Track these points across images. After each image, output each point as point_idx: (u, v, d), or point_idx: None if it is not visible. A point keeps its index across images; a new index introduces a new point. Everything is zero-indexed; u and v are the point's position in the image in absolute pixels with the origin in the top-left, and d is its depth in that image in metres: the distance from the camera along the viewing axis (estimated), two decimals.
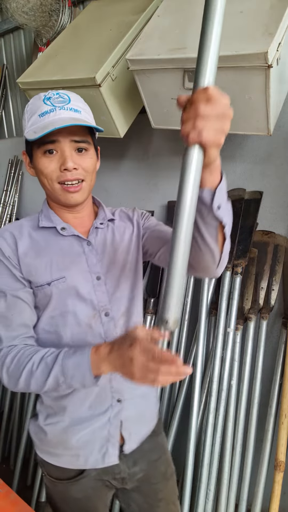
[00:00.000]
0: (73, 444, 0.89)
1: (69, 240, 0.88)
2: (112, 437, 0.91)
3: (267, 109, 1.10)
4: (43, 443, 0.93)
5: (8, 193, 2.27)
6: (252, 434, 1.41)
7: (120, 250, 0.93)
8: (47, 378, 0.74)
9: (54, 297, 0.85)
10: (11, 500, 0.96)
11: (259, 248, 1.47)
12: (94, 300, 0.87)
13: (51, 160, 0.81)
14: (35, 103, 0.84)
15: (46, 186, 0.85)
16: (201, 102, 0.56)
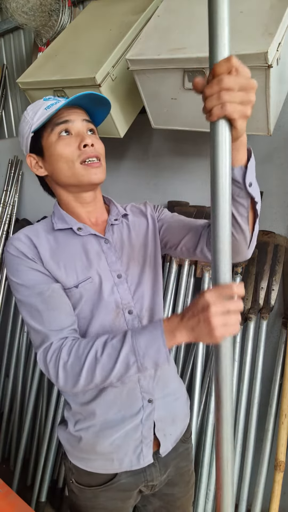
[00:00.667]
0: (106, 447, 0.87)
1: (87, 239, 0.87)
2: (145, 438, 0.88)
3: (267, 109, 1.10)
4: (75, 449, 0.90)
5: (8, 193, 2.27)
6: (252, 434, 1.41)
7: (138, 246, 0.92)
8: (115, 362, 0.70)
9: (82, 299, 0.83)
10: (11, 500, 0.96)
11: (259, 248, 1.47)
12: (118, 298, 0.86)
13: (68, 142, 0.82)
14: (35, 104, 0.87)
15: (64, 173, 0.83)
16: (224, 74, 0.54)
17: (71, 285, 0.82)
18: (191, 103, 1.20)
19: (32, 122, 0.85)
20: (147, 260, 0.92)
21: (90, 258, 0.85)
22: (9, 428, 2.08)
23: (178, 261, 1.61)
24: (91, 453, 0.88)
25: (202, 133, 1.30)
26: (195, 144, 1.60)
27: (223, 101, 0.54)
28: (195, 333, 0.65)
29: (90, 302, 0.84)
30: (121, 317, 0.86)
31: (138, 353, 0.69)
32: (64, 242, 0.86)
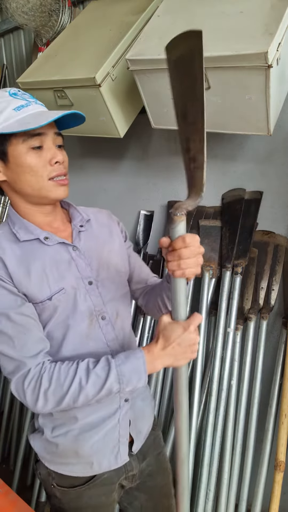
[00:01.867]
0: (86, 451, 0.87)
1: (55, 248, 0.85)
2: (122, 437, 0.91)
3: (267, 109, 1.10)
4: (54, 455, 0.90)
5: None
6: (252, 434, 1.41)
7: (106, 252, 0.92)
8: (100, 389, 0.74)
9: (57, 310, 0.82)
10: (11, 500, 0.96)
11: (259, 248, 1.47)
12: (91, 305, 0.86)
13: (40, 155, 0.79)
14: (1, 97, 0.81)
15: (30, 185, 0.81)
16: (181, 249, 0.68)
17: (44, 298, 0.80)
18: None
19: None
20: (116, 266, 0.93)
21: (61, 268, 0.84)
22: (9, 428, 2.08)
23: None
24: (70, 457, 0.89)
25: None
26: None
27: (182, 268, 0.68)
28: (174, 360, 0.75)
29: (64, 312, 0.83)
30: (95, 323, 0.87)
31: (122, 381, 0.75)
32: (31, 254, 0.82)
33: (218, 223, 1.55)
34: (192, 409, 1.47)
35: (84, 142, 1.96)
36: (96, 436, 0.88)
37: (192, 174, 0.69)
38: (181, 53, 0.61)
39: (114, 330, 0.89)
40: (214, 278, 1.52)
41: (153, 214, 1.78)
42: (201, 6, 1.23)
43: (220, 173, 1.58)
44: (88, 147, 1.95)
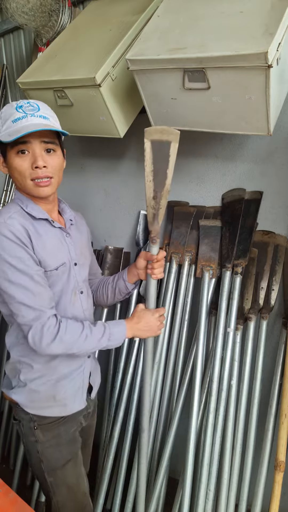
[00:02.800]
0: (62, 395, 1.11)
1: (57, 231, 1.07)
2: (85, 385, 1.18)
3: (267, 109, 1.10)
4: (35, 402, 1.10)
5: (8, 193, 2.27)
6: (252, 434, 1.41)
7: (84, 243, 1.20)
8: (98, 342, 1.02)
9: (58, 279, 1.05)
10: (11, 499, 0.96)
11: (259, 248, 1.47)
12: (75, 281, 1.11)
13: (24, 159, 0.97)
14: (7, 111, 0.99)
15: (19, 182, 1.01)
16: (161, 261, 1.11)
17: (53, 267, 1.03)
18: (191, 103, 1.20)
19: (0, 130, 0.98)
20: (87, 254, 1.21)
21: (61, 246, 1.07)
22: (9, 428, 2.08)
23: (178, 261, 1.61)
24: (50, 401, 1.11)
25: (202, 133, 1.30)
26: (195, 144, 1.60)
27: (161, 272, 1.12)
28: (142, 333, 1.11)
29: (61, 283, 1.07)
30: (77, 295, 1.13)
31: (110, 339, 1.05)
32: (44, 231, 1.03)
33: (218, 223, 1.55)
34: (192, 409, 1.47)
35: (84, 142, 1.96)
36: (69, 384, 1.13)
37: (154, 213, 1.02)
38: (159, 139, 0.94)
39: (87, 302, 1.18)
40: (214, 278, 1.52)
41: None
42: (201, 6, 1.23)
43: (220, 173, 1.58)
44: (88, 147, 1.95)
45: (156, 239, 1.06)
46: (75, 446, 1.18)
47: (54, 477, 1.13)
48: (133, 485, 1.60)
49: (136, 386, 1.66)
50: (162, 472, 1.52)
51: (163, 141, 0.95)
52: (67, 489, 1.14)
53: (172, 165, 0.96)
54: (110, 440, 1.66)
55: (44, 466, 1.12)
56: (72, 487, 1.15)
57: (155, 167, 0.96)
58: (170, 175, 0.97)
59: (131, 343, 1.72)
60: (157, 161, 0.96)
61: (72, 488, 1.15)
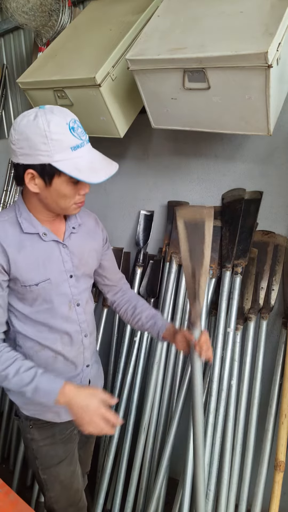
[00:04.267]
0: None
1: (49, 244, 1.02)
2: None
3: (267, 109, 1.10)
4: (29, 405, 1.09)
5: (8, 193, 2.27)
6: (252, 434, 1.41)
7: (88, 251, 1.11)
8: (19, 388, 0.94)
9: (41, 295, 1.01)
10: (11, 500, 0.96)
11: (259, 248, 1.47)
12: (69, 294, 1.06)
13: (74, 187, 0.95)
14: (58, 129, 0.89)
15: (59, 205, 0.97)
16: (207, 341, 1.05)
17: (32, 282, 0.99)
18: (191, 103, 1.20)
19: (52, 155, 0.89)
20: (90, 265, 1.13)
21: (51, 261, 1.02)
22: (9, 428, 2.08)
23: (178, 261, 1.61)
24: (43, 407, 1.08)
25: (202, 133, 1.30)
26: (195, 144, 1.60)
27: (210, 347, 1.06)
28: (76, 416, 0.93)
29: (48, 297, 1.02)
30: (73, 309, 1.07)
31: (35, 394, 0.93)
32: (30, 245, 0.99)
33: (218, 223, 1.55)
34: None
35: None
36: None
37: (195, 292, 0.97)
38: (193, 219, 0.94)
39: (85, 315, 1.11)
40: (214, 278, 1.52)
41: (153, 214, 1.78)
42: (201, 6, 1.23)
43: (220, 173, 1.58)
44: None
45: (197, 321, 0.99)
46: (71, 445, 1.17)
47: (48, 475, 1.14)
48: (133, 485, 1.60)
49: (136, 386, 1.66)
50: (162, 472, 1.52)
51: (197, 220, 0.94)
52: (60, 486, 1.16)
53: (209, 243, 0.92)
54: (110, 440, 1.66)
55: (39, 463, 1.13)
56: (66, 485, 1.16)
57: (190, 246, 0.94)
58: (208, 253, 0.94)
59: (131, 343, 1.72)
60: (192, 240, 0.94)
61: (65, 486, 1.16)
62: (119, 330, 1.85)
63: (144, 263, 1.76)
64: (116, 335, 1.85)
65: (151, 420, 1.61)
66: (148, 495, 1.60)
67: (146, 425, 1.61)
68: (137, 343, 1.69)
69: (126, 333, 1.75)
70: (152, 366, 1.62)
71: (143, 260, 1.76)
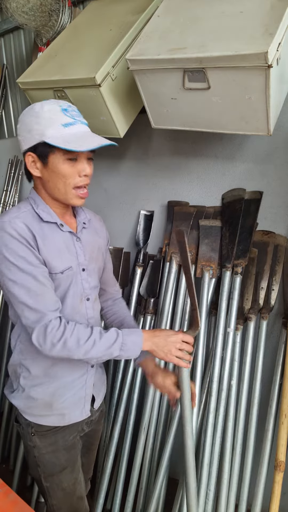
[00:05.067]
0: (60, 404, 1.07)
1: (66, 235, 1.03)
2: (87, 395, 1.13)
3: (267, 109, 1.10)
4: (32, 409, 1.07)
5: (8, 193, 2.27)
6: (252, 434, 1.41)
7: (97, 248, 1.13)
8: (106, 350, 0.95)
9: (62, 284, 1.01)
10: (11, 500, 0.96)
11: (259, 248, 1.47)
12: (81, 287, 1.06)
13: (72, 166, 0.95)
14: (52, 111, 0.94)
15: (58, 188, 0.97)
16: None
17: (58, 270, 0.99)
18: (191, 103, 1.20)
19: (44, 131, 0.92)
20: (100, 261, 1.14)
21: (69, 251, 1.03)
22: (9, 428, 2.08)
23: (178, 261, 1.61)
24: (47, 409, 1.07)
25: (202, 133, 1.30)
26: (195, 144, 1.60)
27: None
28: (157, 348, 0.98)
29: (66, 287, 1.02)
30: (83, 302, 1.08)
31: (123, 349, 0.96)
32: (50, 234, 0.99)
33: (218, 223, 1.55)
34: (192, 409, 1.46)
35: None
36: (68, 393, 1.08)
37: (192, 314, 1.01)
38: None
39: (93, 311, 1.11)
40: (214, 278, 1.52)
41: (153, 214, 1.78)
42: (201, 6, 1.23)
43: (220, 173, 1.58)
44: None
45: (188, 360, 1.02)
46: (74, 452, 1.15)
47: (50, 482, 1.12)
48: (133, 485, 1.60)
49: (136, 386, 1.66)
50: (162, 472, 1.52)
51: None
52: (63, 494, 1.13)
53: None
54: (110, 440, 1.66)
55: (41, 471, 1.11)
56: (68, 492, 1.14)
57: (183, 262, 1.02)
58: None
59: None
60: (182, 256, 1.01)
61: (68, 493, 1.14)
62: None
63: (144, 263, 1.76)
64: None
65: (151, 420, 1.61)
66: (148, 495, 1.60)
67: (146, 425, 1.61)
68: None
69: None
70: None
71: (143, 260, 1.76)
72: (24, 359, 1.06)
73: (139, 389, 1.66)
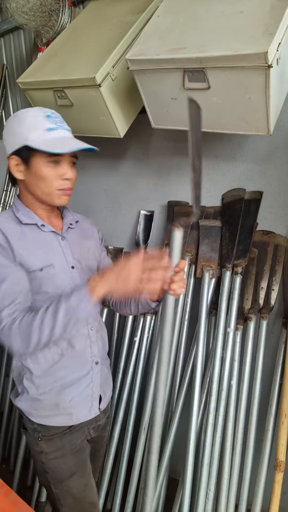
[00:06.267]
0: (67, 403, 1.06)
1: (48, 235, 1.05)
2: (95, 393, 1.12)
3: (267, 109, 1.10)
4: (39, 410, 1.06)
5: (8, 193, 2.27)
6: (252, 434, 1.41)
7: (87, 249, 1.14)
8: (56, 319, 0.88)
9: (45, 281, 1.00)
10: (11, 500, 0.96)
11: (259, 248, 1.47)
12: (72, 284, 1.04)
13: (54, 169, 0.98)
14: (35, 117, 0.98)
15: (41, 189, 1.00)
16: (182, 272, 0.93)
17: (36, 268, 0.99)
18: None
19: (27, 135, 0.96)
20: (90, 261, 1.14)
21: (52, 249, 1.04)
22: (9, 428, 2.08)
23: None
24: (54, 409, 1.06)
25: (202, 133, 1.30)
26: None
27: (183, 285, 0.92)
28: (114, 285, 0.87)
29: (52, 283, 1.01)
30: None
31: (73, 310, 0.88)
32: (30, 234, 1.01)
33: (218, 223, 1.55)
34: (192, 409, 1.47)
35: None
36: (75, 391, 1.07)
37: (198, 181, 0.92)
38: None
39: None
40: (214, 278, 1.52)
41: (153, 214, 1.78)
42: (201, 6, 1.23)
43: (220, 173, 1.58)
44: None
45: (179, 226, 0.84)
46: (83, 457, 1.13)
47: (60, 489, 1.10)
48: (133, 485, 1.60)
49: (136, 386, 1.66)
50: (162, 472, 1.52)
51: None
52: (73, 500, 1.12)
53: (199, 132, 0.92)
54: (110, 440, 1.66)
55: (50, 477, 1.09)
56: (78, 498, 1.12)
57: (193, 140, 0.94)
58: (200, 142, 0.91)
59: (131, 343, 1.72)
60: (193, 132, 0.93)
61: (78, 499, 1.12)
62: (119, 330, 1.85)
63: None
64: (116, 335, 1.85)
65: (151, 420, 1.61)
66: None
67: (146, 425, 1.61)
68: (137, 343, 1.69)
69: (126, 333, 1.75)
70: (152, 366, 1.62)
71: None
72: (24, 360, 1.06)
73: (139, 389, 1.66)
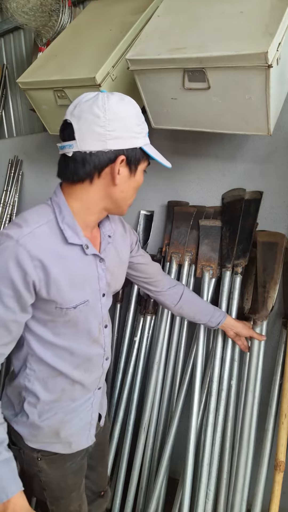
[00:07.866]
0: (67, 431, 0.98)
1: (89, 259, 0.90)
2: (93, 419, 1.05)
3: (267, 109, 1.10)
4: (38, 437, 0.98)
5: (8, 193, 2.27)
6: (252, 434, 1.41)
7: (118, 267, 1.01)
8: None
9: (74, 319, 0.89)
10: None
11: (259, 248, 1.47)
12: (100, 316, 0.96)
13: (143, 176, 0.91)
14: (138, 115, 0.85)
15: (125, 199, 0.89)
16: None
17: (70, 305, 0.86)
18: (191, 103, 1.20)
19: (142, 135, 0.84)
20: (120, 281, 1.05)
21: (89, 280, 0.90)
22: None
23: (178, 261, 1.61)
24: (53, 438, 0.98)
25: (202, 133, 1.30)
26: (195, 144, 1.60)
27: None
28: None
29: (83, 319, 0.91)
30: (101, 332, 0.98)
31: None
32: (71, 260, 0.85)
33: (218, 223, 1.55)
34: (192, 409, 1.47)
35: None
36: (76, 418, 1.00)
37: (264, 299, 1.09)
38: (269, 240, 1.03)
39: (109, 337, 1.04)
40: (214, 278, 1.52)
41: (153, 214, 1.78)
42: (201, 6, 1.23)
43: (220, 173, 1.58)
44: None
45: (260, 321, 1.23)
46: (81, 474, 1.09)
47: (56, 506, 1.06)
48: (133, 485, 1.60)
49: (136, 386, 1.66)
50: (162, 472, 1.52)
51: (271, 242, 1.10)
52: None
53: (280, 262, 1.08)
54: (110, 440, 1.66)
55: (47, 494, 1.04)
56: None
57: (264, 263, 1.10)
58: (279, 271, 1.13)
59: (131, 343, 1.72)
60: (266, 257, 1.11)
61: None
62: (119, 330, 1.85)
63: None
64: (116, 335, 1.85)
65: (151, 420, 1.61)
66: (148, 495, 1.60)
67: (146, 425, 1.61)
68: (137, 343, 1.69)
69: (126, 333, 1.75)
70: (152, 366, 1.62)
71: None
72: (32, 384, 0.94)
73: (139, 389, 1.66)
